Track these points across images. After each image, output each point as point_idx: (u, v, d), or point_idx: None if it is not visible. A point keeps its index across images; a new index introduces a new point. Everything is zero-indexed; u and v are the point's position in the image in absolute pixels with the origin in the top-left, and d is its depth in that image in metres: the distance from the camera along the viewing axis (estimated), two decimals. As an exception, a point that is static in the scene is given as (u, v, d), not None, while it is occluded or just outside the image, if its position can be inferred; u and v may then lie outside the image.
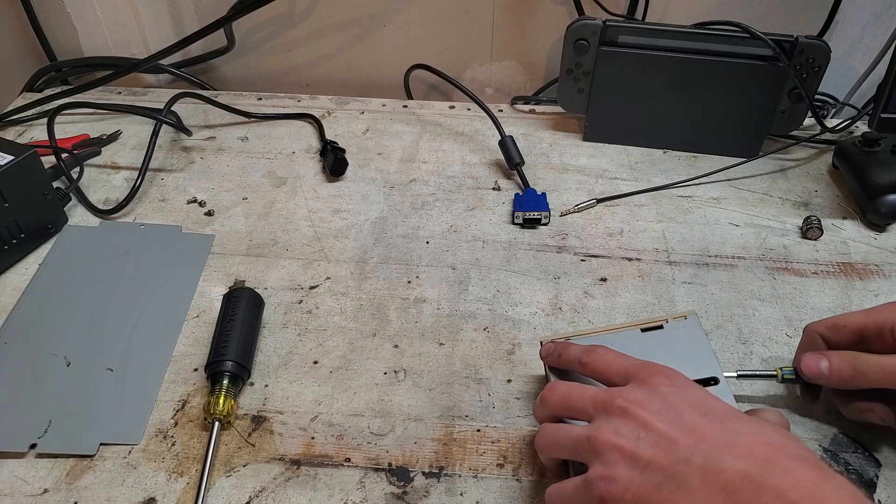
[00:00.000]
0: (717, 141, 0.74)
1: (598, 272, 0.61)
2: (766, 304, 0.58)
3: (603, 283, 0.60)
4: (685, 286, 0.60)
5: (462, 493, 0.45)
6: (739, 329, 0.56)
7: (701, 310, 0.57)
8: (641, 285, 0.60)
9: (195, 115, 0.80)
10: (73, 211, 0.67)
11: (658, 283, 0.60)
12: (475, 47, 0.86)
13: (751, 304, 0.58)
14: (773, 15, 0.80)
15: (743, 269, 0.61)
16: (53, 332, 0.55)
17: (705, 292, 0.59)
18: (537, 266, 0.62)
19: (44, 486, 0.45)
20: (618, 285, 0.60)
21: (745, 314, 0.57)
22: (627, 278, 0.60)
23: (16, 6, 0.82)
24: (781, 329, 0.56)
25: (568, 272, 0.61)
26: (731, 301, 0.58)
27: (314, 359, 0.54)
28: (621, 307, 0.58)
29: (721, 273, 0.61)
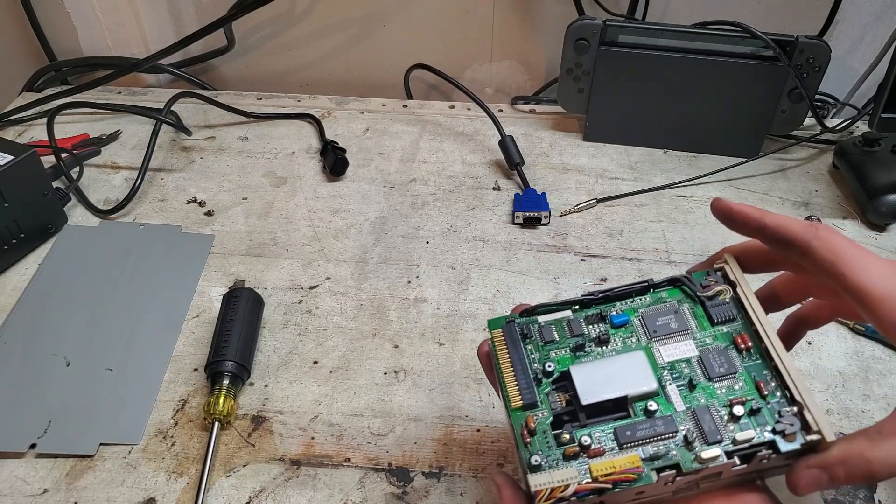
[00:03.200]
0: (718, 141, 0.74)
1: (599, 272, 0.61)
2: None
3: (603, 284, 0.60)
4: (685, 286, 0.60)
5: (462, 493, 0.45)
6: (740, 329, 0.56)
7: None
8: (641, 285, 0.60)
9: (195, 114, 0.80)
10: (73, 211, 0.67)
11: (658, 283, 0.60)
12: (475, 47, 0.86)
13: (751, 304, 0.58)
14: (774, 15, 0.80)
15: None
16: (53, 332, 0.54)
17: (705, 292, 0.59)
18: (537, 266, 0.62)
19: (43, 487, 0.45)
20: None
21: (745, 314, 0.57)
22: (628, 278, 0.60)
23: (16, 6, 0.82)
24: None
25: (568, 272, 0.61)
26: (731, 301, 0.58)
27: (314, 359, 0.54)
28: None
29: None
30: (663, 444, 0.32)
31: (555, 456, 0.32)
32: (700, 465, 0.31)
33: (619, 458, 0.31)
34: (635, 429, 0.32)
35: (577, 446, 0.32)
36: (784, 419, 0.31)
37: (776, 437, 0.31)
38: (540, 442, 0.33)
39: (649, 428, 0.32)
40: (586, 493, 0.31)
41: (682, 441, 0.32)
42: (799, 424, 0.31)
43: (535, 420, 0.33)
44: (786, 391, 0.32)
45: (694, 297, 0.36)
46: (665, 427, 0.32)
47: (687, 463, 0.31)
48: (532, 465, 0.32)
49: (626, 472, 0.31)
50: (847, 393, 0.51)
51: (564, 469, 0.31)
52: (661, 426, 0.32)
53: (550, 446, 0.32)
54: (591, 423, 0.33)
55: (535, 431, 0.33)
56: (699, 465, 0.31)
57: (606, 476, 0.31)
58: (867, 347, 0.54)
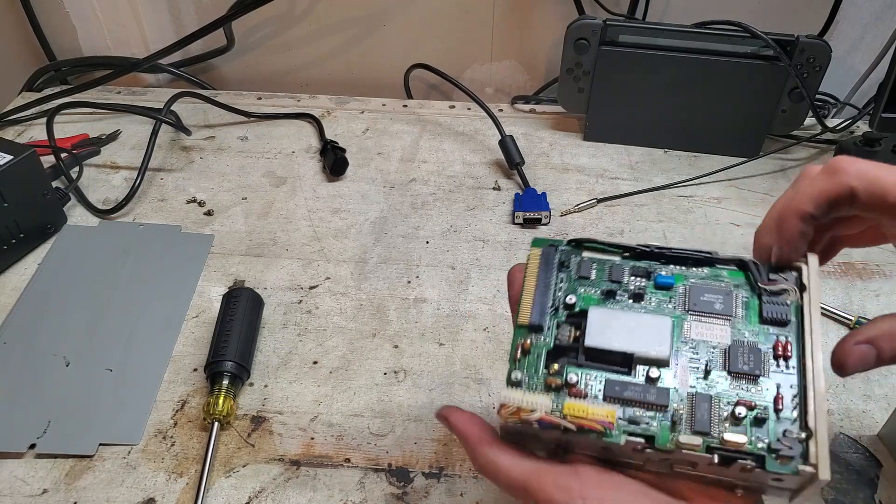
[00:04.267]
0: (718, 140, 0.74)
1: (599, 272, 0.61)
2: (767, 304, 0.58)
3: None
4: (686, 286, 0.60)
5: (462, 493, 0.45)
6: (740, 329, 0.56)
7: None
8: (642, 285, 0.60)
9: (195, 114, 0.80)
10: (73, 211, 0.67)
11: (658, 283, 0.60)
12: (475, 47, 0.86)
13: (751, 304, 0.58)
14: (774, 14, 0.80)
15: (743, 269, 0.61)
16: (53, 332, 0.54)
17: (706, 292, 0.59)
18: (537, 266, 0.62)
19: (43, 487, 0.45)
20: (618, 285, 0.60)
21: (745, 314, 0.57)
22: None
23: (15, 6, 0.82)
24: (782, 329, 0.55)
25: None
26: (731, 301, 0.58)
27: (314, 359, 0.54)
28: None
29: (721, 273, 0.61)
30: (647, 414, 0.30)
31: (537, 381, 0.31)
32: (674, 447, 0.29)
33: (596, 407, 0.30)
34: (626, 387, 0.31)
35: (562, 381, 0.31)
36: (785, 440, 0.29)
37: (769, 454, 0.29)
38: (529, 363, 0.32)
39: (640, 392, 0.30)
40: (549, 425, 0.30)
41: (667, 418, 0.30)
42: (799, 451, 0.29)
43: (533, 343, 0.32)
44: (803, 414, 0.30)
45: (753, 287, 0.33)
46: (656, 398, 0.30)
47: (662, 440, 0.29)
48: (512, 380, 0.31)
49: (597, 422, 0.30)
50: (847, 393, 0.51)
51: (539, 396, 0.31)
52: (652, 395, 0.30)
53: (537, 371, 0.32)
54: (586, 366, 0.32)
55: (528, 353, 0.32)
56: (673, 447, 0.29)
57: (575, 418, 0.30)
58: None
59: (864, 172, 0.30)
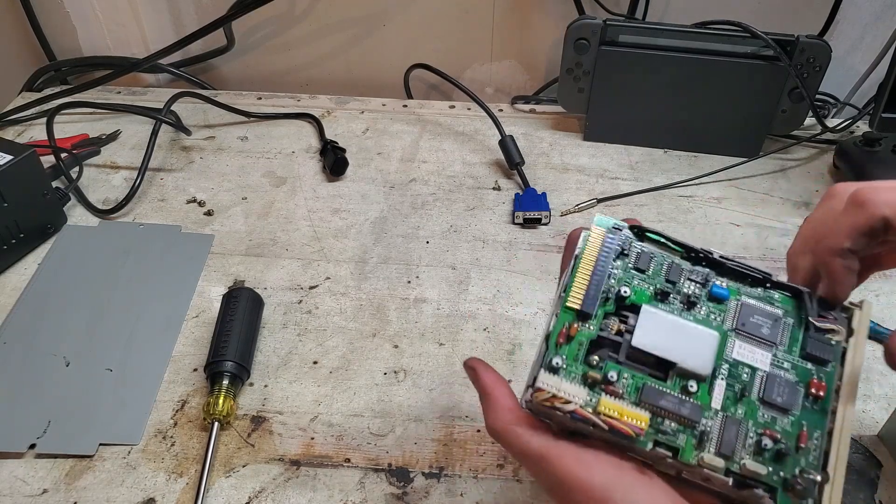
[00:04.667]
0: (718, 141, 0.74)
1: (599, 272, 0.61)
2: (767, 304, 0.58)
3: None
4: (686, 286, 0.59)
5: (462, 493, 0.45)
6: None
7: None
8: (642, 285, 0.60)
9: (195, 114, 0.80)
10: (73, 211, 0.67)
11: (658, 283, 0.60)
12: (475, 47, 0.86)
13: (751, 304, 0.58)
14: (774, 14, 0.80)
15: (743, 269, 0.61)
16: (53, 332, 0.54)
17: (706, 292, 0.59)
18: (538, 266, 0.62)
19: (43, 487, 0.45)
20: (618, 285, 0.60)
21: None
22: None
23: (15, 6, 0.82)
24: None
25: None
26: (731, 301, 0.58)
27: (314, 359, 0.54)
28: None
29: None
30: (676, 426, 0.30)
31: (576, 371, 0.31)
32: (696, 464, 0.30)
33: (630, 410, 0.30)
34: (662, 396, 0.31)
35: (601, 376, 0.31)
36: (801, 479, 0.29)
37: (782, 488, 0.29)
38: (570, 350, 0.32)
39: (675, 404, 0.31)
40: (582, 419, 0.30)
41: (695, 435, 0.30)
42: (813, 493, 0.29)
43: (578, 331, 0.32)
44: (823, 457, 0.30)
45: (802, 318, 0.34)
46: (689, 413, 0.30)
47: (686, 455, 0.30)
48: (551, 365, 0.31)
49: (628, 425, 0.30)
50: (848, 393, 0.51)
51: (577, 387, 0.31)
52: (686, 410, 0.30)
53: (578, 359, 0.32)
54: (626, 364, 0.32)
55: (571, 340, 0.32)
56: (695, 463, 0.30)
57: (609, 417, 0.30)
58: (868, 348, 0.54)
59: (891, 201, 0.31)
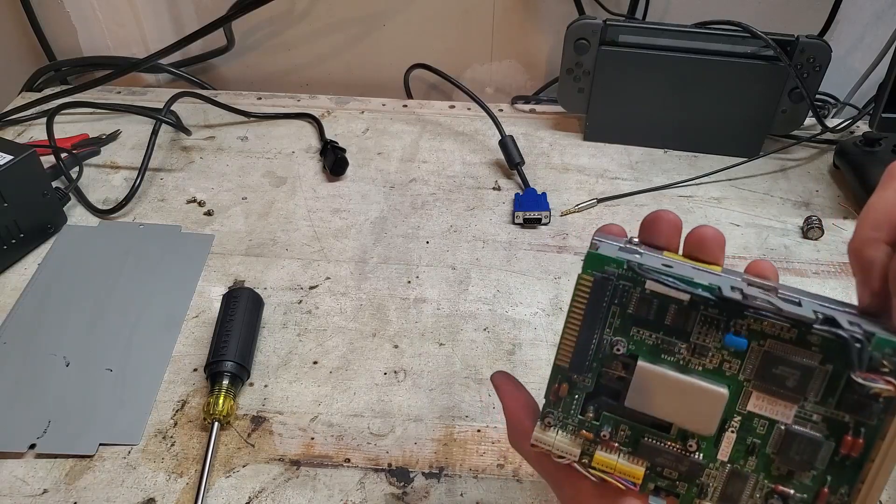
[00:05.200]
0: (718, 140, 0.74)
1: (599, 272, 0.61)
2: (767, 304, 0.58)
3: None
4: (686, 286, 0.59)
5: (462, 493, 0.45)
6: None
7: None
8: (642, 285, 0.60)
9: (195, 114, 0.80)
10: (73, 211, 0.67)
11: (658, 283, 0.60)
12: (475, 47, 0.86)
13: (751, 304, 0.58)
14: (774, 14, 0.80)
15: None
16: (53, 332, 0.54)
17: (706, 292, 0.59)
18: (538, 266, 0.62)
19: (43, 487, 0.45)
20: (618, 285, 0.60)
21: (745, 314, 0.57)
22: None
23: (15, 6, 0.82)
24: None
25: (569, 272, 0.61)
26: (731, 301, 0.58)
27: (314, 359, 0.54)
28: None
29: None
30: (675, 474, 0.29)
31: (571, 424, 0.30)
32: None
33: (623, 464, 0.30)
34: (658, 452, 0.29)
35: (594, 434, 0.30)
36: None
37: None
38: (566, 404, 0.30)
39: (672, 462, 0.29)
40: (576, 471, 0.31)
41: (695, 485, 0.29)
42: None
43: (571, 386, 0.30)
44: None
45: (845, 370, 0.27)
46: (688, 470, 0.29)
47: (686, 500, 0.29)
48: (545, 421, 0.31)
49: (621, 480, 0.30)
50: (848, 393, 0.51)
51: (570, 444, 0.30)
52: (684, 467, 0.29)
53: (573, 413, 0.30)
54: (625, 417, 0.30)
55: (565, 395, 0.31)
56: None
57: (601, 473, 0.30)
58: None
59: None
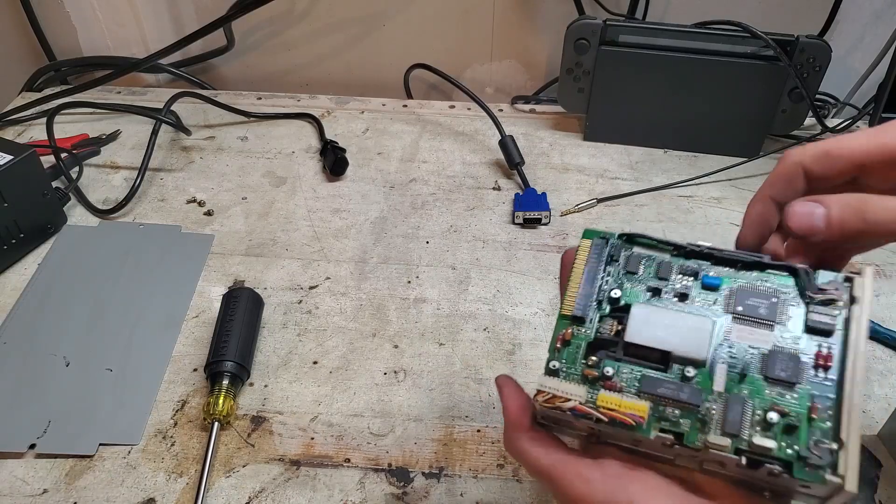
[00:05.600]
0: (718, 140, 0.74)
1: (599, 272, 0.61)
2: (767, 304, 0.58)
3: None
4: (686, 286, 0.60)
5: (462, 493, 0.45)
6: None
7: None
8: (642, 285, 0.60)
9: (194, 114, 0.80)
10: (73, 211, 0.67)
11: (658, 283, 0.60)
12: (475, 47, 0.86)
13: (751, 304, 0.58)
14: (774, 14, 0.80)
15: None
16: (53, 332, 0.54)
17: (706, 292, 0.59)
18: (538, 266, 0.62)
19: (43, 487, 0.45)
20: (618, 285, 0.60)
21: (745, 314, 0.57)
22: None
23: (15, 6, 0.82)
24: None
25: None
26: (731, 301, 0.58)
27: (314, 359, 0.54)
28: (622, 307, 0.58)
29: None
30: (678, 412, 0.30)
31: (575, 371, 0.32)
32: (703, 446, 0.29)
33: (629, 401, 0.30)
34: (660, 384, 0.31)
35: (599, 373, 0.32)
36: (816, 449, 0.28)
37: (797, 461, 0.28)
38: (569, 354, 0.33)
39: (674, 390, 0.31)
40: (582, 415, 0.31)
41: (698, 418, 0.30)
42: (829, 461, 0.28)
43: (574, 334, 0.33)
44: (836, 426, 0.29)
45: (802, 294, 0.32)
46: (689, 397, 0.30)
47: (691, 438, 0.30)
48: (550, 368, 0.32)
49: (628, 415, 0.30)
50: (848, 393, 0.51)
51: (575, 385, 0.31)
52: (685, 394, 0.30)
53: (576, 361, 0.32)
54: (624, 360, 0.32)
55: (569, 343, 0.33)
56: (701, 446, 0.29)
57: (608, 410, 0.30)
58: (868, 348, 0.54)
59: (808, 148, 0.33)
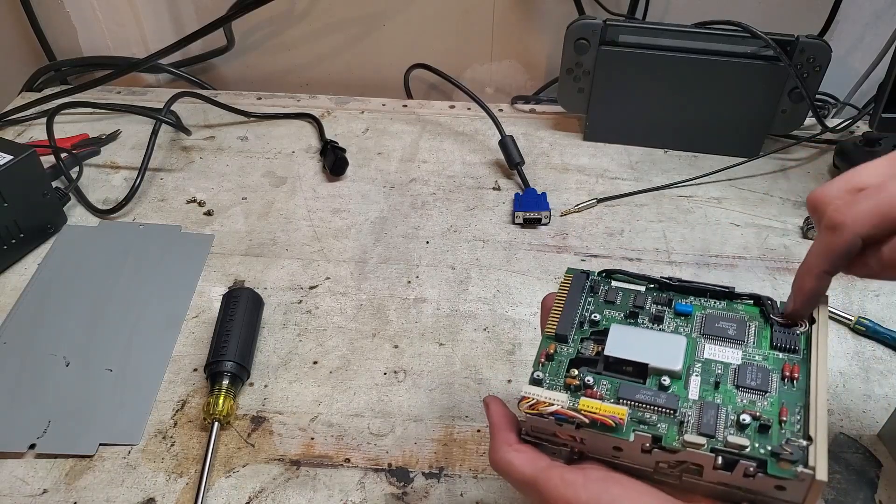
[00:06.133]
0: (718, 140, 0.74)
1: (599, 272, 0.61)
2: (767, 304, 0.58)
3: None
4: (686, 286, 0.60)
5: (462, 493, 0.45)
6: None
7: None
8: (642, 285, 0.60)
9: (194, 114, 0.80)
10: (73, 211, 0.67)
11: (658, 283, 0.60)
12: (475, 47, 0.86)
13: (751, 304, 0.58)
14: (774, 14, 0.80)
15: (744, 269, 0.61)
16: (53, 332, 0.54)
17: (706, 292, 0.59)
18: (538, 266, 0.62)
19: (43, 487, 0.45)
20: (618, 285, 0.60)
21: (745, 314, 0.57)
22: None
23: (15, 6, 0.82)
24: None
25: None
26: (731, 301, 0.58)
27: (314, 359, 0.54)
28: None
29: (722, 273, 0.61)
30: (656, 416, 0.32)
31: (557, 382, 0.35)
32: (680, 446, 0.31)
33: (609, 406, 0.32)
34: (637, 390, 0.33)
35: (579, 382, 0.34)
36: (788, 446, 0.30)
37: (771, 458, 0.30)
38: (552, 368, 0.35)
39: (651, 396, 0.33)
40: (565, 418, 0.32)
41: (675, 421, 0.32)
42: (801, 456, 0.29)
43: (557, 350, 0.36)
44: (805, 426, 0.31)
45: (767, 319, 0.36)
46: (666, 402, 0.32)
47: (668, 439, 0.31)
48: (533, 378, 0.35)
49: (608, 416, 0.32)
50: (847, 393, 0.51)
51: (558, 393, 0.33)
52: (662, 399, 0.32)
53: (558, 374, 0.35)
54: (604, 374, 0.34)
55: (552, 358, 0.36)
56: (679, 446, 0.31)
57: (589, 412, 0.32)
58: (868, 347, 0.54)
59: (863, 215, 0.30)
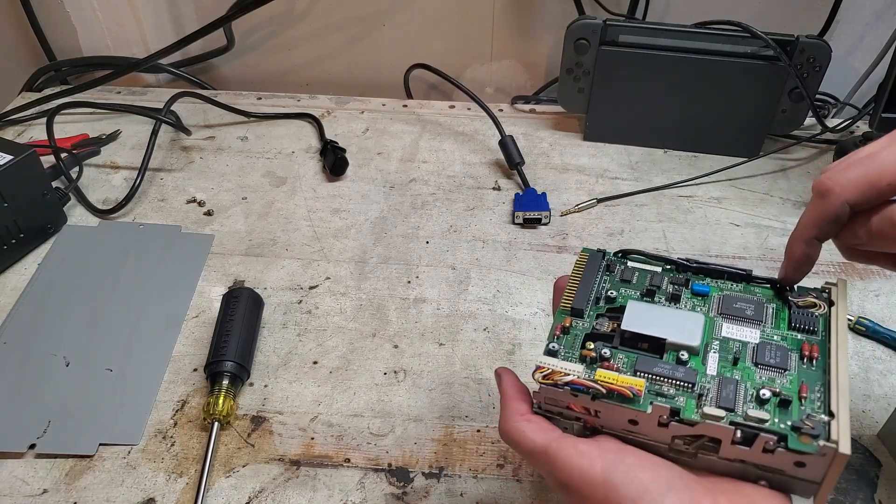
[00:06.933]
0: (718, 140, 0.74)
1: (599, 272, 0.61)
2: (767, 304, 0.58)
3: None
4: (686, 286, 0.60)
5: (462, 493, 0.45)
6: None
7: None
8: (642, 285, 0.60)
9: (194, 114, 0.80)
10: (73, 211, 0.67)
11: (658, 283, 0.60)
12: (475, 47, 0.86)
13: (751, 304, 0.58)
14: (774, 14, 0.80)
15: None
16: (53, 332, 0.54)
17: (706, 292, 0.59)
18: (538, 266, 0.62)
19: (43, 487, 0.45)
20: (618, 285, 0.60)
21: (745, 314, 0.57)
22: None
23: (15, 6, 0.82)
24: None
25: (568, 272, 0.61)
26: (731, 301, 0.58)
27: (314, 359, 0.54)
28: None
29: (721, 273, 0.61)
30: (674, 389, 0.32)
31: (573, 354, 0.34)
32: (699, 419, 0.30)
33: (626, 377, 0.32)
34: (655, 363, 0.32)
35: (595, 354, 0.33)
36: (809, 421, 0.29)
37: (791, 432, 0.29)
38: (567, 341, 0.35)
39: (669, 369, 0.32)
40: (581, 388, 0.32)
41: (694, 395, 0.31)
42: (823, 430, 0.29)
43: (573, 325, 0.35)
44: (826, 403, 0.30)
45: (785, 301, 0.36)
46: (685, 376, 0.32)
47: (687, 411, 0.30)
48: (549, 349, 0.34)
49: (625, 387, 0.31)
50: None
51: (573, 364, 0.33)
52: (680, 373, 0.32)
53: (574, 347, 0.34)
54: (621, 349, 0.34)
55: (567, 332, 0.35)
56: (698, 418, 0.30)
57: (606, 383, 0.31)
58: (867, 347, 0.54)
59: (848, 181, 0.32)
